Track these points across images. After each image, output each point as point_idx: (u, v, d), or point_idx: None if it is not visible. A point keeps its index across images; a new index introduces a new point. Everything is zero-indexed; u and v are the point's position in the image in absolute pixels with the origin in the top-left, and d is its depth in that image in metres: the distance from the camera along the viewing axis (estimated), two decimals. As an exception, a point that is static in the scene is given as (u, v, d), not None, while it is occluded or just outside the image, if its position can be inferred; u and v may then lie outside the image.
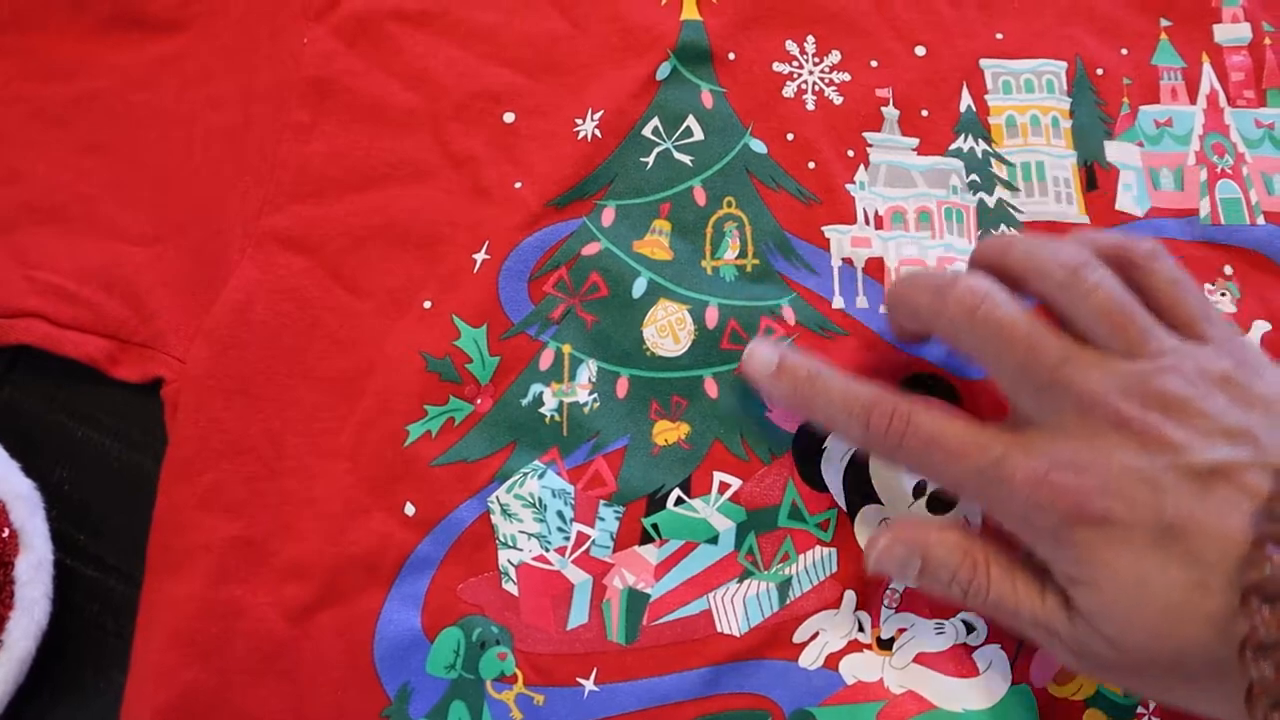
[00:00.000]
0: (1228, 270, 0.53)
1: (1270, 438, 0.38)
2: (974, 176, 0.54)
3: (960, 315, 0.42)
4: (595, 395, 0.50)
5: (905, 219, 0.53)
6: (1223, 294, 0.53)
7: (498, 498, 0.49)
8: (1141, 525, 0.38)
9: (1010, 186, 0.54)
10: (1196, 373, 0.40)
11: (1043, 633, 0.41)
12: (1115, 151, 0.55)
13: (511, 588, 0.48)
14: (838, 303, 0.52)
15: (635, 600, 0.48)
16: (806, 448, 0.50)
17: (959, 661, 0.48)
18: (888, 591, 0.49)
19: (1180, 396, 0.39)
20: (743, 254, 0.52)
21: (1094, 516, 0.38)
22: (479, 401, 0.50)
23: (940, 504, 0.49)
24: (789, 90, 0.55)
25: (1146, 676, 0.39)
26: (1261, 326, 0.52)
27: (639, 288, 0.51)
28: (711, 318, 0.51)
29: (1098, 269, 0.42)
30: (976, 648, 0.48)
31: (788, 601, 0.48)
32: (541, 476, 0.49)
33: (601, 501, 0.49)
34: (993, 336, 0.42)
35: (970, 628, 0.48)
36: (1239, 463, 0.38)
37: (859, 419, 0.43)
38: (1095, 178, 0.55)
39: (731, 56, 0.55)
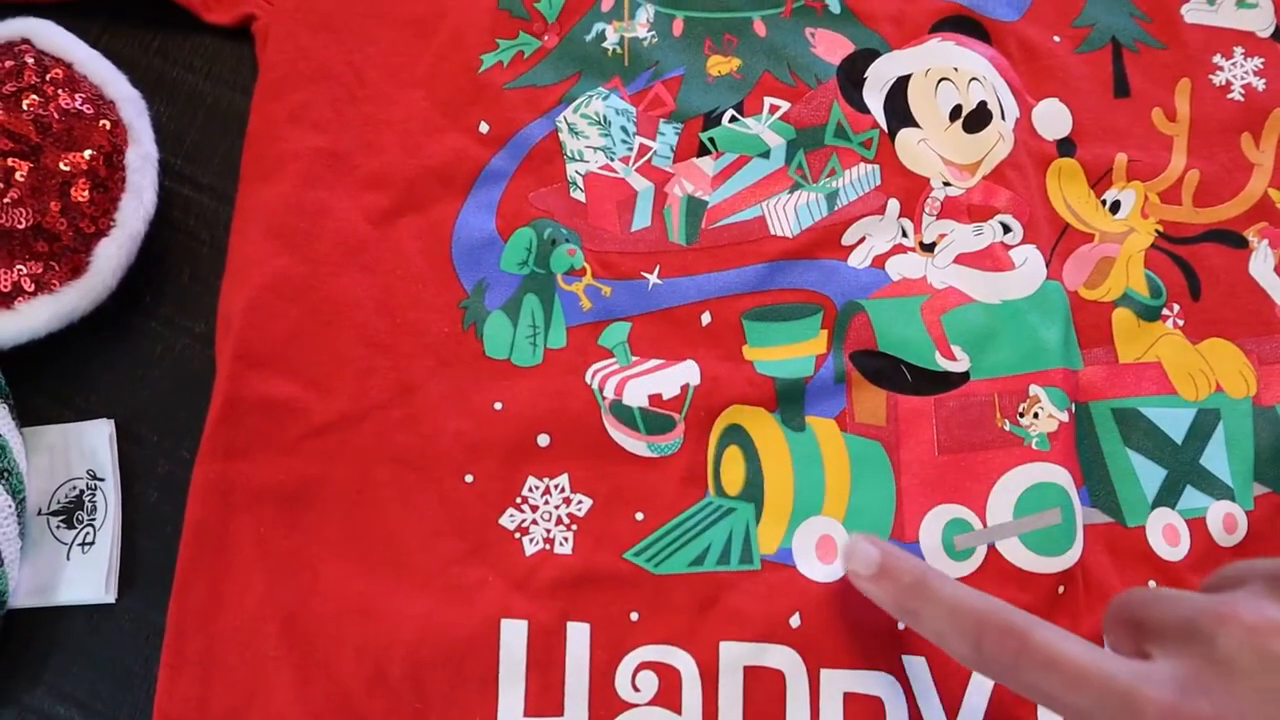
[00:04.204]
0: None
1: None
2: None
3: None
4: (653, 33, 0.51)
5: None
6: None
7: (565, 117, 0.50)
8: None
9: None
10: None
11: None
12: None
13: (579, 195, 0.49)
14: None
15: (694, 206, 0.49)
16: (850, 74, 0.51)
17: (996, 258, 0.49)
18: (928, 200, 0.50)
19: None
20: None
21: None
22: (546, 38, 0.51)
23: (976, 124, 0.51)
24: None
25: None
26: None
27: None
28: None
29: None
30: (1013, 246, 0.49)
31: (836, 208, 0.50)
32: (606, 99, 0.50)
33: (661, 119, 0.50)
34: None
35: (1007, 228, 0.50)
36: None
37: (969, 638, 0.37)
38: None
39: None
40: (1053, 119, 0.51)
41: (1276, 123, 0.52)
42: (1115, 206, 0.50)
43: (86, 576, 0.45)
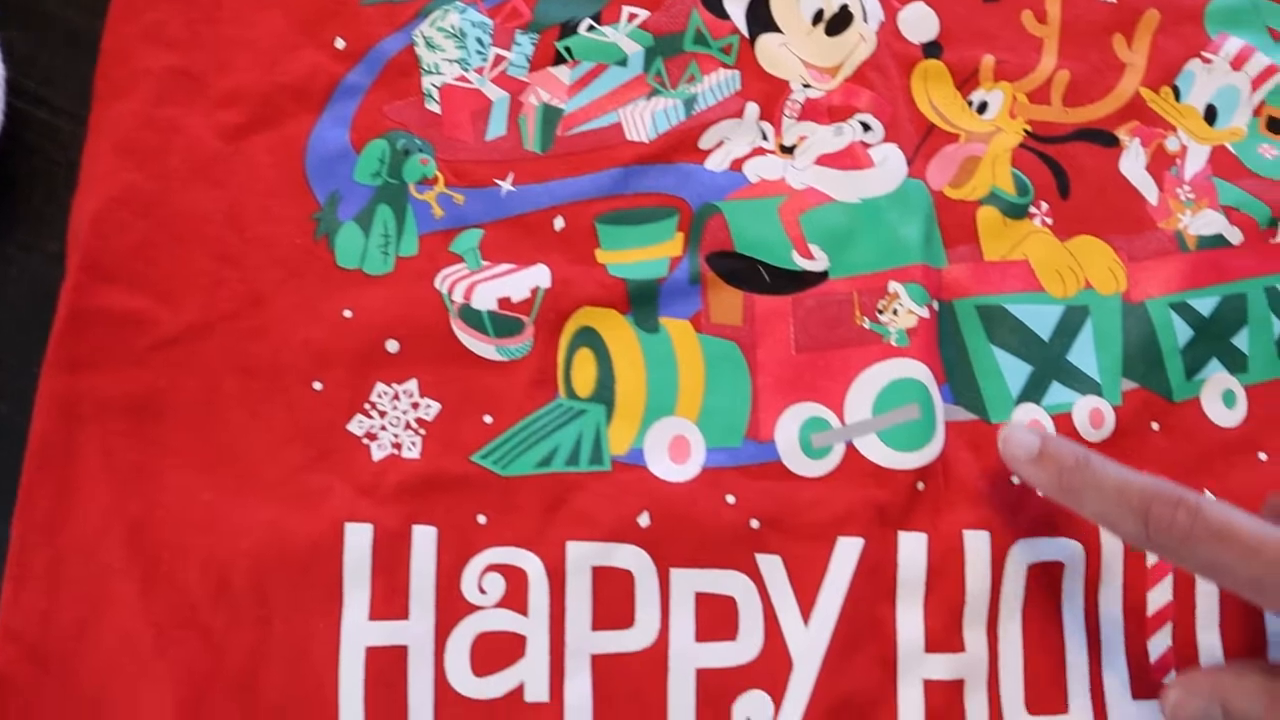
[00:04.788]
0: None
1: None
2: None
3: None
4: (512, -49, 0.51)
5: None
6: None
7: (421, 31, 0.50)
8: None
9: None
10: None
11: None
12: None
13: (434, 107, 0.49)
14: None
15: (550, 115, 0.49)
16: (710, -20, 0.51)
17: (856, 157, 0.48)
18: (788, 103, 0.49)
19: None
20: None
21: None
22: (404, -45, 0.51)
23: (837, 27, 0.50)
24: None
25: None
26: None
27: None
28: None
29: None
30: (873, 145, 0.49)
31: (693, 113, 0.49)
32: (463, 12, 0.50)
33: (518, 30, 0.50)
34: None
35: (867, 127, 0.49)
36: None
37: (1137, 513, 0.38)
38: None
39: None
40: (919, 22, 0.51)
41: (1149, 23, 0.51)
42: (982, 107, 0.49)
43: (-66, 492, 0.44)
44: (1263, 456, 0.47)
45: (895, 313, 0.46)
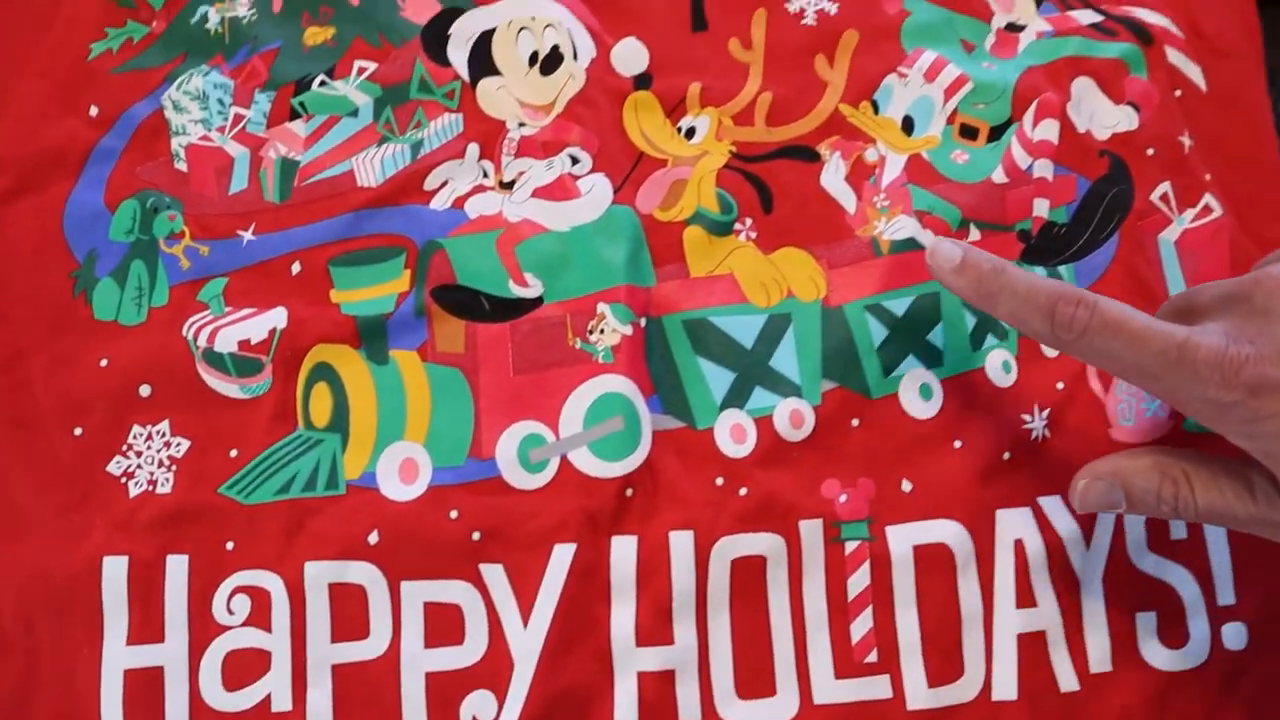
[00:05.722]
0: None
1: None
2: None
3: None
4: (254, 11, 0.55)
5: None
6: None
7: (169, 95, 0.54)
8: None
9: None
10: None
11: (1269, 529, 0.40)
12: None
13: (182, 166, 0.53)
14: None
15: (287, 166, 0.53)
16: (435, 32, 0.55)
17: (565, 188, 0.52)
18: (505, 141, 0.53)
19: None
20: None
21: (1276, 383, 0.37)
22: (154, 24, 0.55)
23: (550, 67, 0.54)
24: None
25: None
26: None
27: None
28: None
29: None
30: (581, 176, 0.53)
31: (419, 157, 0.53)
32: (206, 75, 0.54)
33: (256, 89, 0.54)
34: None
35: (575, 159, 0.53)
36: None
37: (1044, 310, 0.40)
38: None
39: None
40: (630, 57, 0.54)
41: (849, 43, 0.55)
42: (690, 132, 0.53)
43: None
44: (958, 444, 0.50)
45: (602, 332, 0.50)
